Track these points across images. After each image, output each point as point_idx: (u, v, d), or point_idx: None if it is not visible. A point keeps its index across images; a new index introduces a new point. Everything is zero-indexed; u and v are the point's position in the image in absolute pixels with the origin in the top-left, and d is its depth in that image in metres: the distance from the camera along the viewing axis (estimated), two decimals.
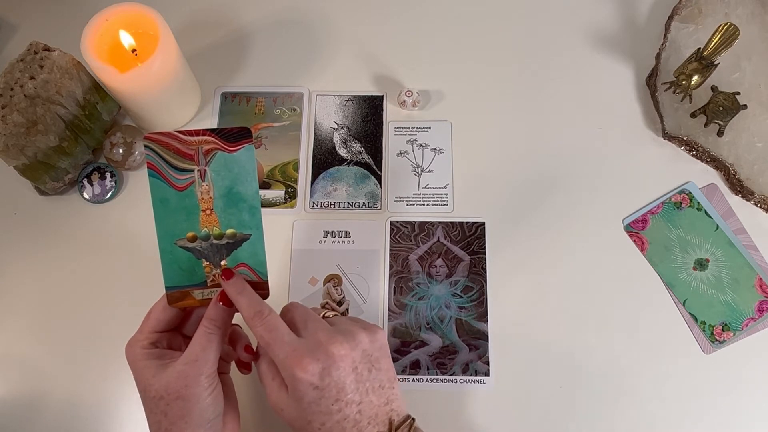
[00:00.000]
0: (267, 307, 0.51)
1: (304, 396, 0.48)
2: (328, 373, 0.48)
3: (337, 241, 0.72)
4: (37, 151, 0.67)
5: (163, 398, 0.50)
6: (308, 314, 0.52)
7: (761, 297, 0.69)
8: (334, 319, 0.54)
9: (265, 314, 0.51)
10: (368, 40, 0.81)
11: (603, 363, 0.67)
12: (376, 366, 0.51)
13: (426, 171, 0.75)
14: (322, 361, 0.48)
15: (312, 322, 0.51)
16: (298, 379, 0.48)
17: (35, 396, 0.67)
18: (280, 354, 0.49)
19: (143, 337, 0.53)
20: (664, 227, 0.72)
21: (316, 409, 0.48)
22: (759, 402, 0.66)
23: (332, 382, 0.48)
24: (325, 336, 0.49)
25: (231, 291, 0.52)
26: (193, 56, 0.78)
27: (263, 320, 0.50)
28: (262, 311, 0.51)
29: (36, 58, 0.66)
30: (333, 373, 0.48)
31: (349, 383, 0.49)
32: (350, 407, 0.49)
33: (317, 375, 0.48)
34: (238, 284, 0.52)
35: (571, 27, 0.81)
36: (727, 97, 0.72)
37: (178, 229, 0.52)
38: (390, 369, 0.53)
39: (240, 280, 0.53)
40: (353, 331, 0.51)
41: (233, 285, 0.52)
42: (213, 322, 0.51)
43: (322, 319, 0.52)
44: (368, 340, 0.51)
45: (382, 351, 0.52)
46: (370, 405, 0.50)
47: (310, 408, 0.48)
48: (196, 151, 0.52)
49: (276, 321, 0.50)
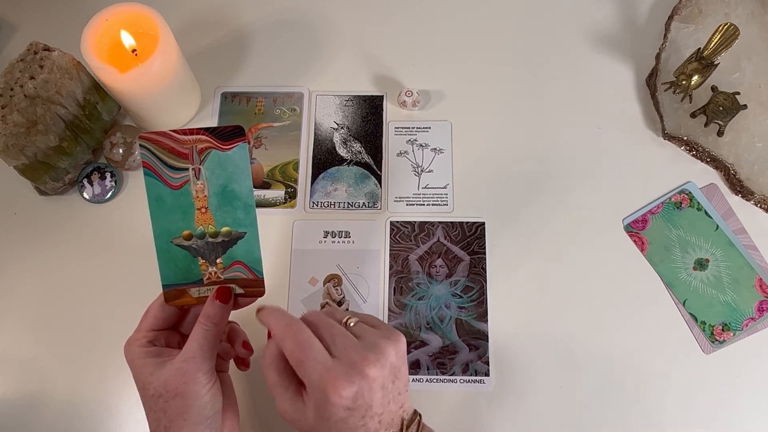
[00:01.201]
0: (298, 322, 0.50)
1: (332, 416, 0.47)
2: (361, 395, 0.47)
3: (337, 241, 0.72)
4: (37, 151, 0.67)
5: (162, 396, 0.50)
6: (334, 327, 0.50)
7: (761, 297, 0.68)
8: (358, 329, 0.52)
9: (294, 328, 0.49)
10: (368, 40, 0.81)
11: (603, 363, 0.67)
12: (398, 375, 0.50)
13: (426, 171, 0.75)
14: (356, 384, 0.47)
15: (340, 337, 0.49)
16: (332, 403, 0.47)
17: (35, 396, 0.67)
18: (314, 375, 0.47)
19: (141, 336, 0.53)
20: (664, 227, 0.71)
21: (342, 426, 0.47)
22: (759, 402, 0.66)
23: (364, 402, 0.47)
24: (358, 355, 0.48)
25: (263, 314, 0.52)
26: (193, 56, 0.78)
27: (294, 335, 0.49)
28: (291, 325, 0.49)
29: (36, 58, 0.66)
30: (366, 395, 0.47)
31: (377, 400, 0.48)
32: (373, 420, 0.48)
33: (351, 398, 0.47)
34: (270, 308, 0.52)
35: (571, 27, 0.81)
36: (727, 97, 0.72)
37: (174, 227, 0.53)
38: (406, 374, 0.52)
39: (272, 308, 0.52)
40: (381, 345, 0.49)
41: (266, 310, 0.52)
42: (210, 320, 0.51)
43: (349, 333, 0.50)
44: (394, 352, 0.50)
45: (403, 359, 0.52)
46: (389, 413, 0.50)
47: (336, 426, 0.47)
48: (191, 150, 0.52)
49: (308, 338, 0.49)
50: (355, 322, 0.52)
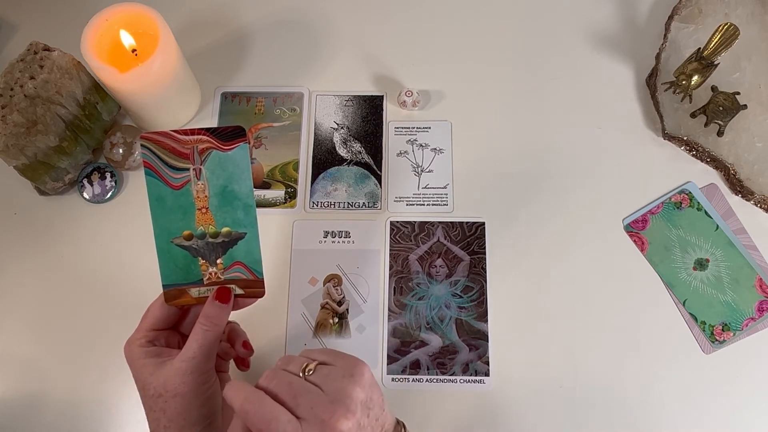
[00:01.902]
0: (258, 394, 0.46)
1: None
2: None
3: (337, 241, 0.72)
4: (37, 151, 0.67)
5: (162, 396, 0.50)
6: (293, 386, 0.47)
7: (761, 297, 0.68)
8: (318, 377, 0.48)
9: (255, 401, 0.46)
10: (368, 40, 0.81)
11: (603, 363, 0.67)
12: (370, 406, 0.48)
13: (426, 171, 0.75)
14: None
15: (302, 396, 0.46)
16: None
17: (35, 396, 0.67)
18: None
19: (141, 336, 0.53)
20: (664, 227, 0.71)
21: None
22: (759, 402, 0.66)
23: None
24: (325, 412, 0.45)
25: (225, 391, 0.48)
26: (193, 56, 0.78)
27: (256, 410, 0.46)
28: (249, 398, 0.46)
29: (36, 58, 0.66)
30: None
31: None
32: None
33: None
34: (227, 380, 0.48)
35: (571, 27, 0.81)
36: (727, 97, 0.72)
37: (175, 227, 0.53)
38: (379, 397, 0.50)
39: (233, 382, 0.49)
40: (346, 390, 0.47)
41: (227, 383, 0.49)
42: (209, 320, 0.51)
43: (310, 385, 0.47)
44: (360, 389, 0.47)
45: (372, 388, 0.49)
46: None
47: None
48: (192, 150, 0.52)
49: (272, 409, 0.46)
50: (314, 367, 0.49)
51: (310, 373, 0.48)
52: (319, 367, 0.49)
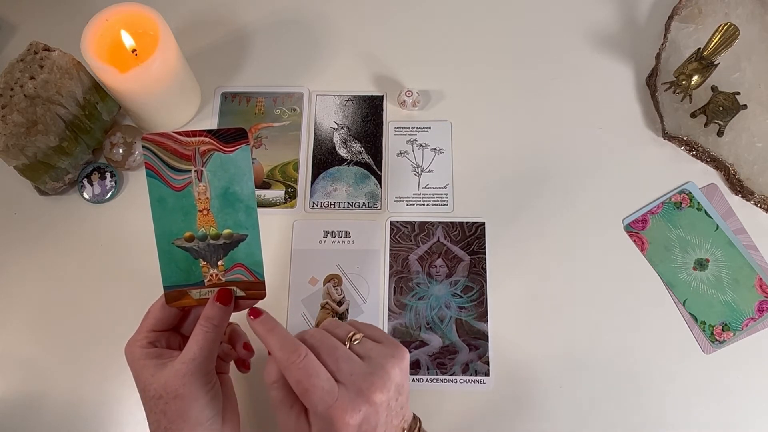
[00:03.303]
0: (302, 348, 0.48)
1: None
2: (366, 421, 0.48)
3: (337, 241, 0.72)
4: (37, 151, 0.67)
5: (162, 397, 0.50)
6: (337, 350, 0.50)
7: (761, 297, 0.68)
8: (362, 348, 0.51)
9: (302, 355, 0.48)
10: (368, 40, 0.81)
11: (603, 363, 0.67)
12: (401, 392, 0.50)
13: (426, 171, 0.75)
14: (363, 411, 0.47)
15: (345, 362, 0.49)
16: (339, 430, 0.47)
17: (35, 396, 0.67)
18: (320, 405, 0.47)
19: (142, 337, 0.53)
20: (664, 227, 0.71)
21: None
22: (759, 402, 0.66)
23: (369, 426, 0.48)
24: (365, 382, 0.48)
25: (261, 330, 0.50)
26: (193, 56, 0.78)
27: (300, 363, 0.48)
28: (297, 351, 0.48)
29: (36, 58, 0.66)
30: (371, 419, 0.48)
31: (381, 420, 0.49)
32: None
33: (357, 425, 0.47)
34: (268, 322, 0.51)
35: (571, 27, 0.81)
36: (727, 97, 0.72)
37: (176, 228, 0.53)
38: (408, 387, 0.52)
39: (269, 317, 0.51)
40: (386, 367, 0.49)
41: (263, 323, 0.51)
42: (210, 321, 0.51)
43: (353, 355, 0.50)
44: (399, 371, 0.50)
45: (406, 375, 0.51)
46: (391, 428, 0.50)
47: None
48: (193, 152, 0.52)
49: (314, 365, 0.48)
50: (359, 339, 0.51)
51: (355, 342, 0.51)
52: (364, 339, 0.52)
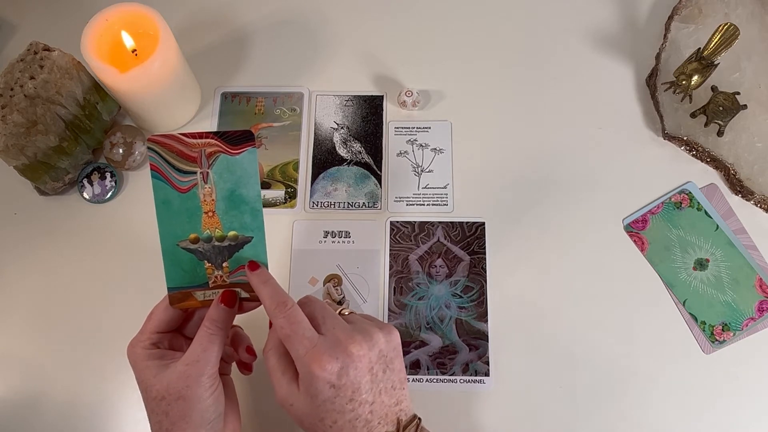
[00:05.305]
0: (290, 300, 0.51)
1: (319, 393, 0.48)
2: (345, 373, 0.48)
3: (337, 241, 0.72)
4: (37, 151, 0.67)
5: (165, 399, 0.50)
6: (326, 310, 0.52)
7: (761, 297, 0.69)
8: (351, 317, 0.54)
9: (288, 306, 0.50)
10: (368, 40, 0.81)
11: (603, 363, 0.67)
12: (390, 367, 0.51)
13: (426, 171, 0.75)
14: (341, 360, 0.48)
15: (330, 318, 0.51)
16: (316, 376, 0.48)
17: (35, 396, 0.67)
18: (300, 349, 0.49)
19: (145, 338, 0.53)
20: (664, 227, 0.72)
21: (330, 407, 0.48)
22: (759, 402, 0.66)
23: (349, 381, 0.48)
24: (345, 335, 0.49)
25: (255, 281, 0.52)
26: (193, 56, 0.78)
27: (286, 312, 0.50)
28: (285, 302, 0.50)
29: (36, 58, 0.66)
30: (350, 373, 0.48)
31: (365, 383, 0.49)
32: (363, 407, 0.49)
33: (335, 374, 0.48)
34: (263, 275, 0.53)
35: (571, 27, 0.81)
36: (727, 97, 0.72)
37: (181, 230, 0.53)
38: (402, 370, 0.53)
39: (265, 271, 0.53)
40: (370, 330, 0.51)
41: (258, 275, 0.53)
42: (214, 323, 0.51)
43: (340, 317, 0.52)
44: (384, 340, 0.51)
45: (396, 351, 0.52)
46: (381, 405, 0.50)
47: (324, 406, 0.48)
48: (199, 154, 0.52)
49: (298, 314, 0.50)
50: (349, 312, 0.54)
51: (345, 314, 0.54)
52: (354, 314, 0.55)
